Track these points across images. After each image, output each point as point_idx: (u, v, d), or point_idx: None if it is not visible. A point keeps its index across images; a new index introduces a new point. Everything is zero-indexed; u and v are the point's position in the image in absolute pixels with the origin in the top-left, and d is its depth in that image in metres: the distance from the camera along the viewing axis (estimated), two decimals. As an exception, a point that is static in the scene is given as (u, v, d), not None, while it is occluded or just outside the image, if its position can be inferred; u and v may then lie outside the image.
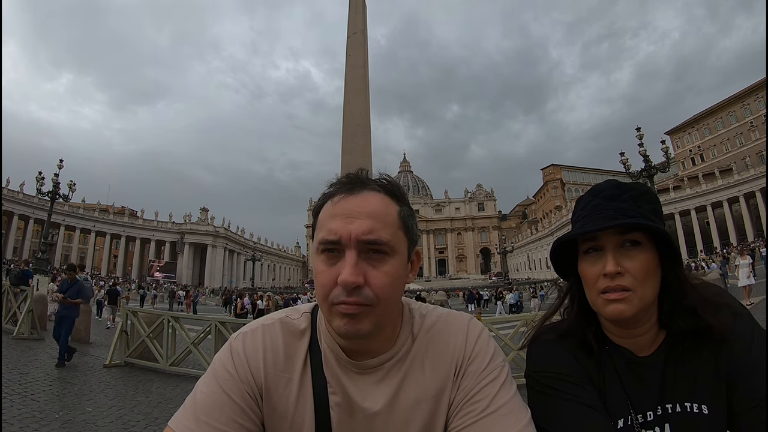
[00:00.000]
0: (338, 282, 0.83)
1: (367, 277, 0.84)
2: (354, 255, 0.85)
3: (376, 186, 0.93)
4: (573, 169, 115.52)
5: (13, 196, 58.67)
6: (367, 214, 0.87)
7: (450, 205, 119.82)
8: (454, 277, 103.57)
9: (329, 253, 0.87)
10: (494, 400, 0.88)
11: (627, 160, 25.20)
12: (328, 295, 0.85)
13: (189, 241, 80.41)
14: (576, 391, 0.96)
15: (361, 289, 0.84)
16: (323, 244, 0.87)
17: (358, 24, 22.20)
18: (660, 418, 0.98)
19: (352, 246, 0.85)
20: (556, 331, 1.10)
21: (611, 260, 0.95)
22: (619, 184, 1.04)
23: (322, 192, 0.96)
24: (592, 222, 0.98)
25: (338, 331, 0.88)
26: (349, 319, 0.85)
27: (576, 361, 1.02)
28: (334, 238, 0.86)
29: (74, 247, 71.41)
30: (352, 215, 0.87)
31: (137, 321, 9.67)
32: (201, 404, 0.88)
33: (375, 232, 0.86)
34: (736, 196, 60.19)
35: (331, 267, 0.86)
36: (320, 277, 0.87)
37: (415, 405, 0.92)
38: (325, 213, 0.91)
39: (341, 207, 0.89)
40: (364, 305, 0.84)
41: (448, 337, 0.97)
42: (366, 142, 20.83)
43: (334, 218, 0.88)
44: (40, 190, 24.92)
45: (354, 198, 0.89)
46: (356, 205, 0.88)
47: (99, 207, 76.28)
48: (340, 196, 0.90)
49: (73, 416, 5.54)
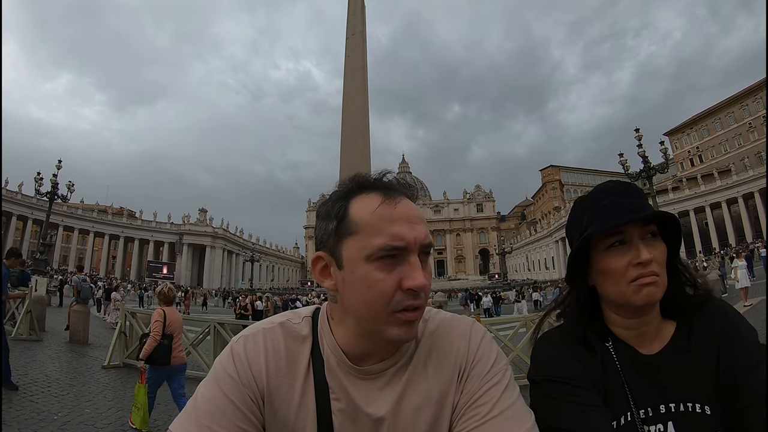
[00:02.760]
0: (411, 287, 0.82)
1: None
2: (417, 260, 0.85)
3: (406, 192, 0.92)
4: (572, 171, 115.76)
5: (12, 197, 58.66)
6: (419, 219, 0.88)
7: (449, 206, 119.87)
8: (453, 278, 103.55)
9: (389, 259, 0.83)
10: (497, 403, 0.87)
11: (626, 161, 25.26)
12: (389, 302, 0.83)
13: (188, 242, 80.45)
14: (579, 394, 0.97)
15: (421, 293, 0.85)
16: (388, 250, 0.83)
17: (357, 25, 22.20)
18: (662, 416, 0.99)
19: (416, 251, 0.85)
20: (559, 332, 1.11)
21: (644, 249, 1.00)
22: (625, 182, 1.09)
23: (332, 190, 0.94)
24: (616, 217, 1.01)
25: (394, 339, 0.86)
26: (409, 326, 0.85)
27: (580, 363, 1.03)
28: (401, 244, 0.83)
29: (73, 247, 71.42)
30: (411, 220, 0.86)
31: (136, 322, 9.66)
32: (203, 408, 0.87)
33: (428, 236, 0.87)
34: (735, 197, 60.39)
35: (390, 273, 0.83)
36: (381, 285, 0.83)
37: (419, 410, 0.91)
38: (378, 217, 0.85)
39: (399, 211, 0.86)
40: (420, 310, 0.85)
41: (451, 341, 0.97)
42: (365, 144, 20.82)
43: (394, 222, 0.85)
44: (39, 190, 24.91)
45: (403, 202, 0.88)
46: (409, 209, 0.88)
47: (98, 208, 76.24)
48: (386, 201, 0.87)
49: (72, 417, 5.53)
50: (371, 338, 0.90)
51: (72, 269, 44.43)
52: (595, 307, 1.11)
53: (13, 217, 59.97)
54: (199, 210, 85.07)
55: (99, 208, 76.65)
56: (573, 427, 0.93)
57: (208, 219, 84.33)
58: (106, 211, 77.48)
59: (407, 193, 0.92)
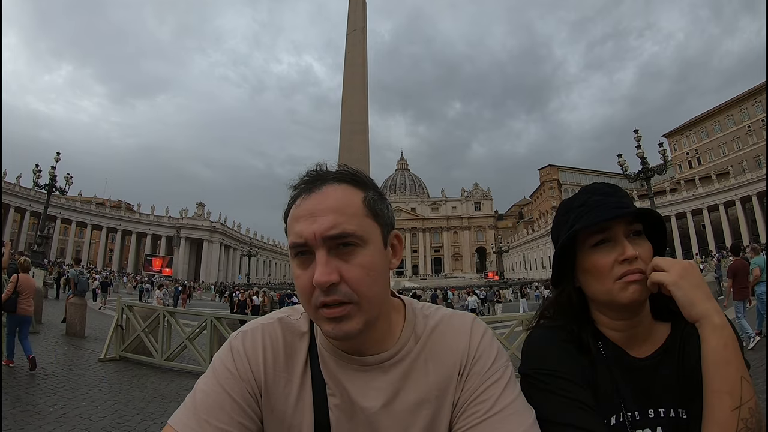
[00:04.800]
0: (313, 282, 0.82)
1: (341, 273, 0.82)
2: (324, 253, 0.83)
3: (335, 178, 0.91)
4: (570, 170, 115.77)
5: (10, 189, 58.41)
6: (328, 209, 0.85)
7: (446, 203, 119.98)
8: (450, 276, 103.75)
9: (301, 256, 0.86)
10: (498, 400, 0.87)
11: (624, 162, 25.32)
12: (310, 298, 0.84)
13: (185, 236, 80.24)
14: (572, 389, 0.97)
15: (338, 287, 0.82)
16: (293, 248, 0.86)
17: (357, 21, 22.16)
18: (651, 420, 0.99)
19: (319, 245, 0.83)
20: (550, 328, 1.11)
21: (629, 246, 1.01)
22: (610, 184, 1.12)
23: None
24: (602, 213, 1.02)
25: (328, 335, 0.89)
26: (336, 323, 0.83)
27: (570, 359, 1.03)
28: (300, 240, 0.84)
29: (70, 240, 71.27)
30: (313, 214, 0.85)
31: (133, 315, 9.67)
32: (201, 403, 0.87)
33: (338, 226, 0.83)
34: (733, 199, 60.53)
35: (306, 270, 0.85)
36: (298, 282, 0.87)
37: (418, 405, 0.91)
38: (291, 217, 0.89)
39: (303, 208, 0.87)
40: (345, 304, 0.83)
41: (452, 337, 0.97)
42: (363, 140, 20.82)
43: (298, 221, 0.86)
44: (37, 182, 24.85)
45: (314, 195, 0.87)
46: (317, 202, 0.86)
47: (95, 200, 75.95)
48: (301, 198, 0.89)
49: (68, 410, 5.55)
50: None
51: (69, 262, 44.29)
52: (584, 309, 1.11)
53: (11, 209, 59.79)
54: (197, 204, 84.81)
55: (97, 200, 76.37)
56: (571, 421, 0.92)
57: (206, 213, 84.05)
58: (104, 204, 77.20)
59: (334, 178, 0.90)
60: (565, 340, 1.06)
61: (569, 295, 1.11)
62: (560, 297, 1.14)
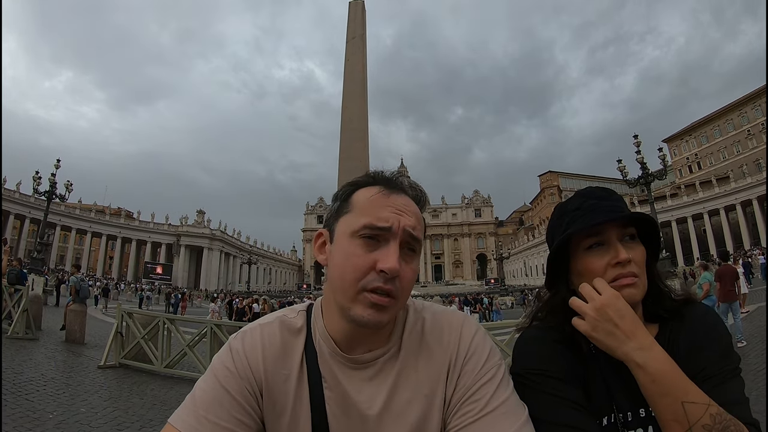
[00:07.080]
0: (380, 268, 0.86)
1: (401, 270, 0.88)
2: (397, 246, 0.88)
3: (411, 196, 0.98)
4: (570, 176, 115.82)
5: (10, 196, 58.46)
6: (412, 213, 0.93)
7: (447, 210, 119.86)
8: (451, 283, 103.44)
9: (369, 240, 0.89)
10: (492, 399, 0.88)
11: (624, 167, 25.37)
12: (360, 279, 0.87)
13: (185, 243, 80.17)
14: (560, 387, 0.98)
15: (395, 281, 0.87)
16: (370, 228, 0.89)
17: (357, 28, 22.25)
18: (642, 420, 0.99)
19: (398, 236, 0.89)
20: (542, 329, 1.12)
21: (622, 249, 1.02)
22: (605, 188, 1.13)
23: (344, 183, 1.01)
24: (596, 218, 1.03)
25: (358, 319, 0.89)
26: (376, 310, 0.87)
27: (562, 359, 1.03)
28: (385, 225, 0.88)
29: (70, 247, 71.23)
30: (401, 210, 0.91)
31: (132, 322, 9.65)
32: (200, 400, 0.89)
33: (417, 230, 0.92)
34: (733, 204, 60.55)
35: (369, 253, 0.88)
36: (354, 260, 0.88)
37: (409, 403, 0.92)
38: (372, 201, 0.92)
39: (390, 200, 0.92)
40: (391, 297, 0.87)
41: (442, 334, 0.98)
42: (364, 147, 20.83)
43: (384, 207, 0.91)
44: (37, 189, 24.90)
45: (398, 197, 0.94)
46: (404, 202, 0.94)
47: (95, 208, 75.94)
48: (383, 191, 0.94)
49: (67, 417, 5.51)
50: (347, 318, 0.91)
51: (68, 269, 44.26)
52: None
53: (11, 216, 59.76)
54: (197, 211, 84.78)
55: (97, 208, 76.35)
56: (562, 420, 0.93)
57: (206, 221, 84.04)
58: (104, 212, 77.23)
59: (411, 194, 0.98)
60: (557, 341, 1.07)
61: (563, 297, 1.12)
62: (553, 299, 1.15)
